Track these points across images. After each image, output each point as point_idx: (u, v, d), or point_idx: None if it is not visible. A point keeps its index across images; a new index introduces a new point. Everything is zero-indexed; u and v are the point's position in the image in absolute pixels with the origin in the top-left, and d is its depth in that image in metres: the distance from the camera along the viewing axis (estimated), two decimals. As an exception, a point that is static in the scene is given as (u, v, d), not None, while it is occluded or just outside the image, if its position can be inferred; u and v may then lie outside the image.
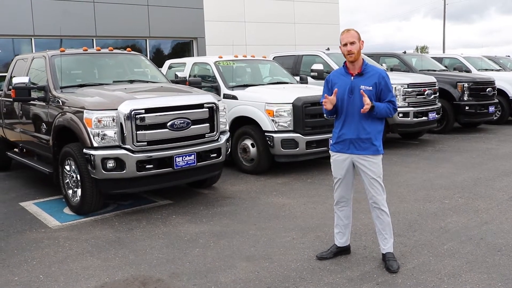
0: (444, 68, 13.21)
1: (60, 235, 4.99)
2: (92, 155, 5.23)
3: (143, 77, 7.31)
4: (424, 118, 9.86)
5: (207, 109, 5.91)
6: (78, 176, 5.53)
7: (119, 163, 5.27)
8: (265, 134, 7.37)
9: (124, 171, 5.29)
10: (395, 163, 8.21)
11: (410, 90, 9.74)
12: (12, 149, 7.97)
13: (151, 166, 5.43)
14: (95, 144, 5.28)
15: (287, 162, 7.63)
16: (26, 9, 13.86)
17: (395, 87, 9.56)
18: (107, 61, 7.30)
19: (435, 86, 10.31)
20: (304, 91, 7.82)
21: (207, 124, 5.92)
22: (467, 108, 11.31)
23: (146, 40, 16.41)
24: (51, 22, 13.82)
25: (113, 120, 5.29)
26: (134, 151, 5.33)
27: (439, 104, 10.44)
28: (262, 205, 5.90)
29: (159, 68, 8.03)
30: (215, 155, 6.02)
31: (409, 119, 9.63)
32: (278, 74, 9.41)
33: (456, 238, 4.58)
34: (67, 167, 5.72)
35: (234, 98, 7.95)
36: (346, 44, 3.83)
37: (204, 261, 4.20)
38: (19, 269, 4.14)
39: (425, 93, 9.93)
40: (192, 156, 5.70)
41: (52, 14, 14.09)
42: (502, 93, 12.90)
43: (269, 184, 6.98)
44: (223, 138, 6.18)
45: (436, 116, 10.23)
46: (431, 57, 14.34)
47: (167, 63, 10.43)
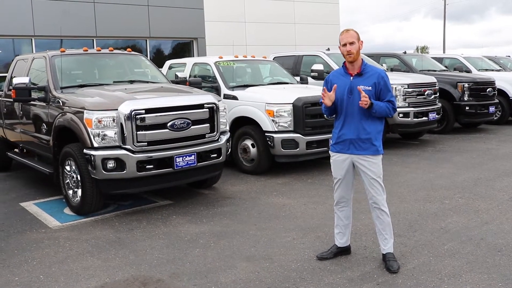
0: (444, 68, 13.21)
1: (60, 235, 4.99)
2: (93, 155, 5.24)
3: (143, 77, 7.31)
4: (424, 118, 9.85)
5: (207, 109, 5.91)
6: (79, 176, 5.53)
7: (120, 163, 5.28)
8: (265, 134, 7.37)
9: (125, 171, 5.29)
10: (395, 163, 8.21)
11: (410, 90, 9.73)
12: (12, 149, 7.97)
13: (151, 166, 5.43)
14: (95, 145, 5.28)
15: (287, 162, 7.63)
16: (26, 9, 13.86)
17: (395, 87, 9.56)
18: (107, 61, 7.31)
19: (435, 86, 10.31)
20: (304, 91, 7.83)
21: (208, 125, 5.93)
22: (467, 108, 11.31)
23: (146, 40, 16.42)
24: (52, 22, 13.82)
25: (113, 120, 5.30)
26: (135, 152, 5.33)
27: (439, 104, 10.44)
28: (263, 205, 5.90)
29: (159, 69, 8.03)
30: (215, 155, 6.02)
31: (409, 119, 9.63)
32: (278, 74, 9.41)
33: (456, 238, 4.58)
34: (68, 168, 5.72)
35: (234, 98, 7.95)
36: (345, 45, 3.83)
37: (205, 261, 4.20)
38: (19, 269, 4.15)
39: (425, 93, 9.93)
40: (193, 156, 5.70)
41: (53, 14, 14.10)
42: (502, 93, 12.90)
43: (269, 184, 6.98)
44: (224, 138, 6.18)
45: (437, 116, 10.22)
46: (431, 57, 14.34)
47: (167, 63, 10.43)
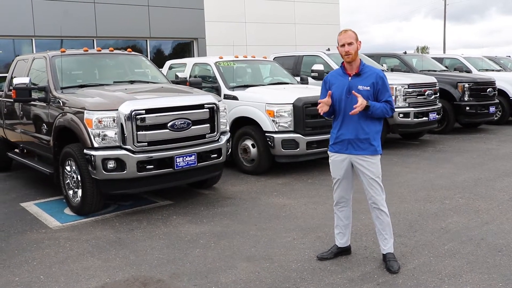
0: (445, 68, 13.20)
1: (60, 235, 4.99)
2: (93, 155, 5.24)
3: (144, 77, 7.31)
4: (424, 118, 9.85)
5: (207, 109, 5.91)
6: (79, 176, 5.53)
7: (120, 163, 5.28)
8: (265, 134, 7.37)
9: (125, 171, 5.30)
10: (395, 164, 8.21)
11: (410, 90, 9.73)
12: (12, 149, 7.97)
13: (152, 166, 5.43)
14: (95, 145, 5.28)
15: (287, 162, 7.63)
16: (26, 9, 13.87)
17: (396, 88, 9.57)
18: (107, 61, 7.31)
19: (435, 87, 10.30)
20: (304, 91, 7.83)
21: (208, 125, 5.93)
22: (467, 108, 11.31)
23: (146, 40, 16.42)
24: (52, 22, 13.82)
25: (113, 120, 5.30)
26: (135, 152, 5.34)
27: (439, 105, 10.43)
28: (263, 205, 5.90)
29: (160, 69, 8.04)
30: (215, 155, 6.02)
31: (409, 119, 9.62)
32: (278, 74, 9.41)
33: (456, 238, 4.58)
34: (68, 168, 5.72)
35: (235, 98, 7.96)
36: (343, 45, 3.83)
37: (205, 261, 4.20)
38: (19, 269, 4.15)
39: (425, 93, 9.92)
40: (193, 156, 5.70)
41: (53, 14, 14.09)
42: (502, 93, 12.89)
43: (269, 184, 6.98)
44: (224, 139, 6.18)
45: (437, 116, 10.22)
46: (432, 57, 14.34)
47: (168, 63, 10.43)
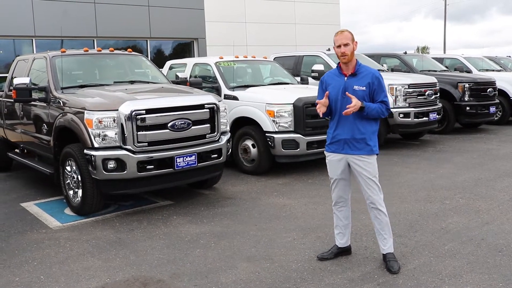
0: (445, 68, 13.20)
1: (61, 235, 4.99)
2: (93, 155, 5.24)
3: (144, 77, 7.32)
4: (425, 118, 9.84)
5: (207, 109, 5.91)
6: (79, 176, 5.54)
7: (120, 163, 5.28)
8: (265, 134, 7.37)
9: (125, 171, 5.30)
10: (396, 164, 8.20)
11: (411, 90, 9.73)
12: (13, 149, 7.97)
13: (152, 166, 5.43)
14: (96, 145, 5.28)
15: (287, 162, 7.63)
16: (27, 9, 13.87)
17: (396, 88, 9.57)
18: (108, 61, 7.32)
19: (436, 87, 10.30)
20: (304, 91, 7.83)
21: (208, 125, 5.93)
22: (468, 108, 11.30)
23: (147, 40, 16.42)
24: (52, 22, 13.82)
25: (114, 120, 5.30)
26: (135, 152, 5.34)
27: (440, 105, 10.43)
28: (263, 205, 5.90)
29: (160, 69, 8.04)
30: (216, 155, 6.02)
31: (410, 119, 9.62)
32: (278, 74, 9.41)
33: (457, 238, 4.58)
34: (68, 168, 5.72)
35: (235, 98, 7.96)
36: (339, 46, 3.84)
37: (205, 261, 4.20)
38: (20, 269, 4.15)
39: (426, 93, 9.92)
40: (193, 156, 5.70)
41: (53, 14, 14.10)
42: (503, 93, 12.89)
43: (269, 184, 6.98)
44: (224, 139, 6.18)
45: (437, 116, 10.22)
46: (432, 57, 14.33)
47: (168, 63, 10.43)
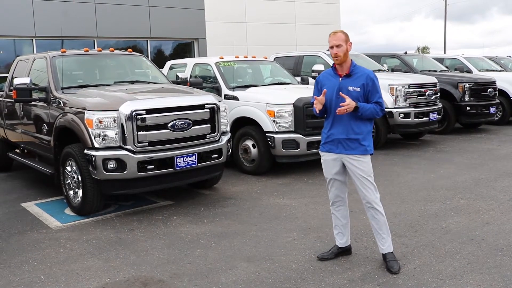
0: (445, 68, 13.20)
1: (61, 235, 5.00)
2: (93, 155, 5.24)
3: (144, 78, 7.32)
4: (425, 118, 9.84)
5: (208, 109, 5.91)
6: (79, 177, 5.54)
7: (120, 163, 5.28)
8: (266, 134, 7.37)
9: (125, 171, 5.30)
10: (396, 164, 8.20)
11: (411, 90, 9.72)
12: (13, 149, 7.97)
13: (152, 166, 5.43)
14: (96, 145, 5.28)
15: (288, 162, 7.63)
16: (27, 10, 13.88)
17: (396, 88, 9.57)
18: (108, 62, 7.32)
19: (436, 87, 10.30)
20: (305, 91, 7.82)
21: (208, 125, 5.93)
22: (468, 108, 11.29)
23: (147, 41, 16.43)
24: (52, 23, 13.83)
25: (114, 120, 5.30)
26: (135, 152, 5.34)
27: (440, 105, 10.42)
28: (263, 205, 5.90)
29: (160, 69, 8.04)
30: (216, 155, 6.02)
31: (410, 119, 9.62)
32: (279, 74, 9.41)
33: (457, 238, 4.58)
34: (68, 168, 5.72)
35: (235, 98, 7.96)
36: (332, 47, 3.87)
37: (205, 261, 4.20)
38: (20, 269, 4.15)
39: (426, 93, 9.91)
40: (193, 156, 5.70)
41: (53, 15, 14.11)
42: (503, 93, 12.89)
43: (270, 184, 6.98)
44: (224, 139, 6.18)
45: (437, 116, 10.21)
46: (432, 57, 14.33)
47: (168, 63, 10.44)
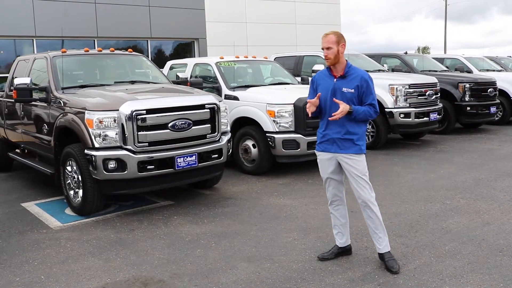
0: (446, 68, 13.19)
1: (61, 235, 5.00)
2: (94, 155, 5.24)
3: (145, 78, 7.32)
4: (425, 118, 9.84)
5: (208, 109, 5.91)
6: (80, 177, 5.54)
7: (121, 163, 5.28)
8: (266, 134, 7.37)
9: (126, 171, 5.30)
10: (396, 164, 8.20)
11: (411, 90, 9.72)
12: (13, 149, 7.98)
13: (152, 166, 5.43)
14: (96, 145, 5.28)
15: (288, 162, 7.63)
16: (27, 10, 13.88)
17: (397, 88, 9.57)
18: (108, 62, 7.32)
19: (436, 87, 10.29)
20: (305, 91, 7.77)
21: (209, 125, 5.93)
22: (468, 108, 11.29)
23: (147, 41, 16.43)
24: (53, 23, 13.84)
25: (114, 120, 5.30)
26: (136, 152, 5.34)
27: (440, 105, 10.42)
28: (264, 205, 5.90)
29: (160, 69, 8.04)
30: (216, 155, 6.02)
31: (410, 119, 9.61)
32: (279, 74, 9.41)
33: (457, 239, 4.58)
34: (69, 168, 5.73)
35: (235, 99, 7.96)
36: (323, 49, 3.91)
37: (205, 261, 4.20)
38: (20, 269, 4.15)
39: (426, 93, 9.91)
40: (194, 156, 5.70)
41: (54, 15, 14.11)
42: (503, 93, 12.88)
43: (270, 184, 6.98)
44: (225, 139, 6.18)
45: (438, 116, 10.21)
46: (433, 57, 14.32)
47: (169, 63, 10.44)
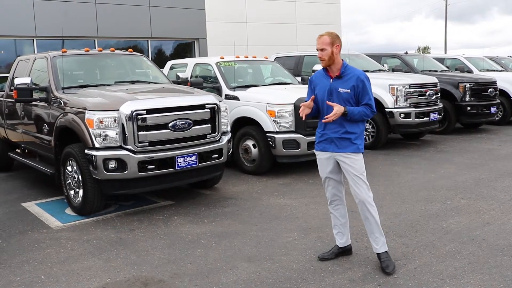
0: (446, 68, 13.19)
1: (61, 235, 5.00)
2: (94, 155, 5.24)
3: (145, 77, 7.32)
4: (425, 118, 9.83)
5: (208, 109, 5.91)
6: (80, 176, 5.54)
7: (121, 163, 5.28)
8: (266, 134, 7.37)
9: (126, 171, 5.30)
10: (396, 164, 8.20)
11: (411, 90, 9.72)
12: (14, 149, 7.98)
13: (153, 166, 5.43)
14: (96, 145, 5.28)
15: (288, 162, 7.63)
16: (28, 10, 13.88)
17: (397, 88, 9.56)
18: (108, 62, 7.32)
19: (436, 87, 10.29)
20: (305, 91, 7.78)
21: (209, 125, 5.93)
22: (468, 108, 11.29)
23: (147, 41, 16.44)
24: (53, 23, 13.84)
25: (114, 120, 5.30)
26: (136, 152, 5.34)
27: (440, 105, 10.42)
28: (264, 205, 5.90)
29: (161, 69, 8.04)
30: (216, 155, 6.02)
31: (410, 119, 9.61)
32: (279, 74, 9.41)
33: (458, 239, 4.57)
34: (69, 168, 5.73)
35: (236, 98, 7.96)
36: (317, 50, 3.92)
37: (206, 261, 4.20)
38: (20, 269, 4.15)
39: (426, 93, 9.90)
40: (194, 156, 5.70)
41: (54, 15, 14.12)
42: (504, 93, 12.88)
43: (270, 184, 6.98)
44: (225, 139, 6.18)
45: (438, 116, 10.21)
46: (433, 57, 14.32)
47: (169, 63, 10.44)
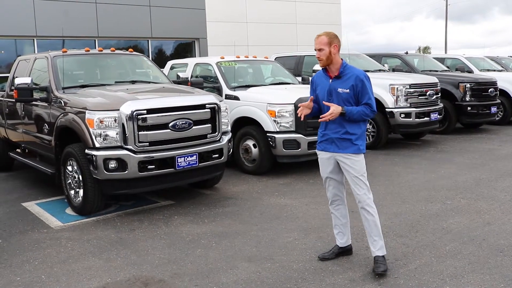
0: (446, 68, 13.19)
1: (62, 235, 5.00)
2: (94, 155, 5.24)
3: (145, 77, 7.32)
4: (426, 118, 9.83)
5: (209, 109, 5.91)
6: (80, 176, 5.54)
7: (121, 163, 5.28)
8: (267, 134, 7.37)
9: (126, 171, 5.30)
10: (397, 164, 8.20)
11: (412, 90, 9.71)
12: (14, 149, 7.98)
13: (153, 166, 5.43)
14: (97, 145, 5.28)
15: (289, 162, 7.63)
16: (28, 10, 13.89)
17: (397, 88, 9.56)
18: (109, 61, 7.32)
19: (437, 87, 10.28)
20: (305, 91, 7.79)
21: (209, 125, 5.93)
22: (469, 108, 11.28)
23: (148, 40, 16.44)
24: (53, 23, 13.84)
25: (115, 120, 5.30)
26: (136, 152, 5.34)
27: (441, 105, 10.41)
28: (264, 205, 5.90)
29: (161, 69, 8.04)
30: (217, 155, 6.02)
31: (411, 119, 9.61)
32: (279, 74, 9.41)
33: (458, 239, 4.57)
34: (69, 168, 5.73)
35: (236, 98, 7.96)
36: (315, 50, 3.92)
37: (206, 261, 4.20)
38: (21, 269, 4.15)
39: (427, 93, 9.90)
40: (194, 156, 5.70)
41: (54, 15, 14.12)
42: (504, 93, 12.87)
43: (271, 184, 6.98)
44: (225, 139, 6.18)
45: (438, 116, 10.20)
46: (433, 57, 14.31)
47: (169, 63, 10.44)
